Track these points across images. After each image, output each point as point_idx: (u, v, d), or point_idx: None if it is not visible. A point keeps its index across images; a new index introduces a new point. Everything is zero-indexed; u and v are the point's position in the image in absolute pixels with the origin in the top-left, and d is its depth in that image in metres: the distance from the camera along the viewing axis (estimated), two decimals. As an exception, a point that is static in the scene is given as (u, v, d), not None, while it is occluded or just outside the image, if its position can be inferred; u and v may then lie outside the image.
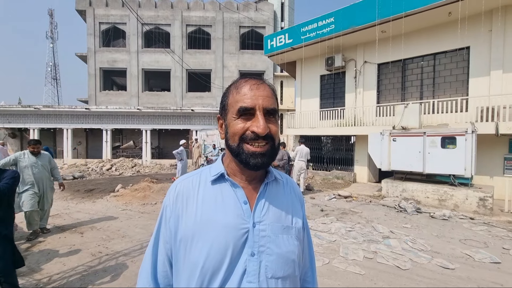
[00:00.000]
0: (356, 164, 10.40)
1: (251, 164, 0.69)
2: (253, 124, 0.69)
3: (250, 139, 0.69)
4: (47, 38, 40.52)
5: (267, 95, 0.72)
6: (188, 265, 0.68)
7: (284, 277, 0.70)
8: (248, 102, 0.69)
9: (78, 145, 17.94)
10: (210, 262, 0.65)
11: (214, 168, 0.78)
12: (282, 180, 0.83)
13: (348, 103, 10.76)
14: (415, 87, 9.34)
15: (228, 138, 0.73)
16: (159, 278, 0.76)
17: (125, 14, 19.54)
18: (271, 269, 0.68)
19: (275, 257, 0.69)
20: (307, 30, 10.45)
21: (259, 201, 0.74)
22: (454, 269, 3.32)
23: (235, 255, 0.67)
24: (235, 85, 0.75)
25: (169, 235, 0.74)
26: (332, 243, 4.14)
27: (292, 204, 0.80)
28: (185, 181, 0.78)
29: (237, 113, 0.70)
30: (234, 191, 0.73)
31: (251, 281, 0.66)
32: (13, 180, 2.50)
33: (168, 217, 0.75)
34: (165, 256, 0.75)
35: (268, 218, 0.73)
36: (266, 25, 20.15)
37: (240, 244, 0.68)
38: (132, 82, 19.91)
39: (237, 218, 0.70)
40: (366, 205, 6.68)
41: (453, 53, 8.47)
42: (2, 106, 15.93)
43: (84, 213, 5.85)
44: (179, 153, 8.79)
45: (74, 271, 3.28)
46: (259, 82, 0.74)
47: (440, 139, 6.59)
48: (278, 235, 0.72)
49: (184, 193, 0.74)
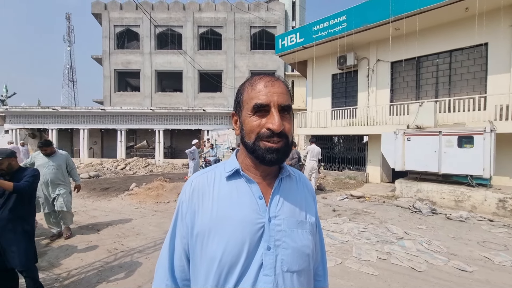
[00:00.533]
0: (369, 164, 10.22)
1: (267, 159, 0.70)
2: (268, 121, 0.70)
3: (266, 137, 0.70)
4: (65, 41, 41.92)
5: (282, 92, 0.72)
6: (206, 260, 0.69)
7: (299, 271, 0.72)
8: (263, 99, 0.70)
9: (94, 145, 18.47)
10: (227, 256, 0.67)
11: (228, 164, 0.79)
12: (295, 176, 0.85)
13: (360, 102, 10.59)
14: (430, 85, 9.09)
15: (244, 135, 0.74)
16: (176, 272, 0.77)
17: (138, 16, 19.96)
18: (286, 263, 0.70)
19: (290, 251, 0.71)
20: (318, 29, 10.37)
21: (274, 196, 0.75)
22: (472, 272, 3.22)
23: (251, 249, 0.68)
24: (249, 82, 0.76)
25: (186, 230, 0.75)
26: (345, 244, 4.10)
27: (305, 200, 0.82)
28: (200, 177, 0.79)
29: (252, 110, 0.71)
30: (249, 186, 0.74)
31: (268, 274, 0.67)
32: (33, 178, 2.59)
33: (184, 213, 0.76)
34: (182, 250, 0.76)
35: (283, 213, 0.74)
36: (277, 25, 20.10)
37: (257, 238, 0.69)
38: (145, 83, 20.32)
39: (253, 213, 0.71)
40: (380, 206, 6.57)
41: (470, 50, 8.20)
42: (23, 107, 16.60)
43: (100, 210, 6.03)
44: (191, 152, 8.91)
45: (91, 267, 3.39)
46: (273, 79, 0.74)
47: (456, 138, 6.39)
48: (293, 230, 0.73)
49: (200, 189, 0.76)
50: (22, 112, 16.44)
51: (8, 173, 2.57)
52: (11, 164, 2.58)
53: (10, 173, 2.57)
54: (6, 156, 2.54)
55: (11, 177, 2.55)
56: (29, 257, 2.51)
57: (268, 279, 0.67)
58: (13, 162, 2.60)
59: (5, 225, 2.43)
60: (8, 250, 2.42)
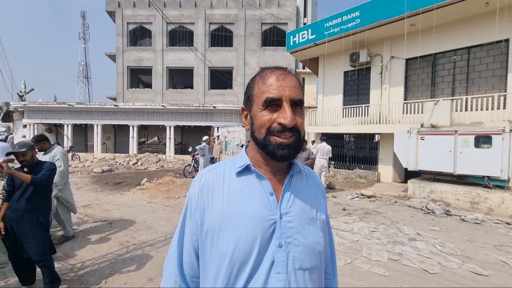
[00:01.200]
0: (381, 163, 10.04)
1: (278, 155, 0.68)
2: (279, 115, 0.68)
3: (277, 132, 0.68)
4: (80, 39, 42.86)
5: (294, 86, 0.71)
6: (216, 256, 0.68)
7: (311, 268, 0.71)
8: (275, 93, 0.68)
9: (107, 140, 18.90)
10: (238, 253, 0.66)
11: (238, 160, 0.78)
12: (305, 172, 0.83)
13: (373, 100, 10.38)
14: (446, 83, 8.81)
15: (254, 130, 0.72)
16: (185, 269, 0.76)
17: (151, 14, 20.20)
18: (298, 260, 0.69)
19: (302, 248, 0.70)
20: (331, 25, 10.20)
21: (285, 193, 0.74)
22: (487, 276, 3.12)
23: (263, 246, 0.67)
24: (260, 76, 0.74)
25: (195, 226, 0.74)
26: (355, 243, 4.05)
27: (316, 196, 0.80)
28: (209, 173, 0.77)
29: (263, 104, 0.69)
30: (260, 182, 0.73)
31: (279, 272, 0.66)
32: (50, 172, 2.67)
33: (193, 209, 0.75)
34: (191, 247, 0.75)
35: (294, 209, 0.72)
36: (289, 21, 19.92)
37: (268, 235, 0.68)
38: (157, 80, 20.59)
39: (264, 209, 0.70)
40: (391, 206, 6.45)
41: (490, 46, 7.88)
42: (40, 103, 17.14)
43: (112, 204, 6.17)
44: (201, 148, 9.01)
45: (104, 258, 3.48)
46: (285, 72, 0.72)
47: (473, 138, 6.18)
48: (305, 227, 0.72)
49: (209, 184, 0.74)
50: (39, 107, 16.98)
51: (28, 165, 2.65)
52: (34, 156, 2.68)
53: (29, 165, 2.65)
54: (30, 148, 2.64)
55: (30, 170, 2.64)
56: (45, 248, 2.59)
57: (280, 276, 0.66)
58: (35, 154, 2.70)
59: (22, 216, 2.53)
60: (24, 240, 2.51)
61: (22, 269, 2.63)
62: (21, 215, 2.52)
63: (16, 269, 2.63)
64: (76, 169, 11.92)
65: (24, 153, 2.60)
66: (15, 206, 2.56)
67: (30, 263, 2.61)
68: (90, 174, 10.66)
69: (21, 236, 2.51)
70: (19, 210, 2.53)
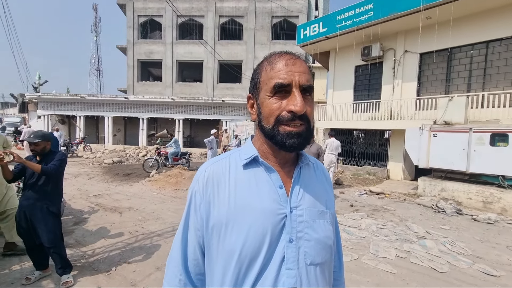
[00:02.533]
0: (390, 160, 9.87)
1: (287, 144, 0.65)
2: (289, 102, 0.64)
3: (286, 120, 0.64)
4: (92, 31, 43.43)
5: (304, 71, 0.67)
6: (223, 253, 0.65)
7: (322, 263, 0.68)
8: (284, 78, 0.64)
9: (117, 132, 19.23)
10: (247, 249, 0.63)
11: (244, 151, 0.74)
12: (313, 164, 0.80)
13: (384, 96, 10.16)
14: (462, 78, 8.52)
15: (262, 119, 0.68)
16: (189, 266, 0.73)
17: (161, 6, 20.19)
18: (310, 255, 0.66)
19: (313, 243, 0.67)
20: (343, 18, 9.96)
21: (295, 186, 0.70)
22: (499, 277, 3.05)
23: (273, 241, 0.64)
24: (268, 61, 0.70)
25: (200, 222, 0.70)
26: (362, 239, 4.01)
27: (324, 189, 0.77)
28: (214, 165, 0.73)
29: (272, 91, 0.65)
30: (268, 175, 0.70)
31: (290, 268, 0.64)
32: (60, 162, 2.70)
33: (198, 204, 0.71)
34: (196, 244, 0.72)
35: (305, 203, 0.69)
36: (300, 14, 19.57)
37: (278, 230, 0.65)
38: (166, 73, 20.70)
39: (273, 203, 0.67)
40: (400, 203, 6.35)
41: (510, 41, 7.55)
42: (54, 94, 17.53)
43: (122, 194, 6.30)
44: (209, 141, 9.06)
45: (114, 246, 3.57)
46: (294, 57, 0.68)
47: (489, 136, 5.99)
48: (315, 220, 0.69)
49: (215, 177, 0.71)
50: (53, 99, 17.36)
51: (40, 155, 2.72)
52: (46, 147, 2.72)
53: (42, 155, 2.72)
54: (44, 139, 2.69)
55: (41, 159, 2.70)
56: (56, 235, 2.67)
57: (291, 273, 0.63)
58: (47, 146, 2.73)
59: (34, 204, 2.62)
60: (37, 227, 2.61)
61: (36, 255, 2.72)
62: (32, 203, 2.61)
63: (30, 254, 2.72)
64: (88, 160, 12.20)
65: (37, 143, 2.66)
66: (28, 193, 2.65)
67: (43, 249, 2.69)
68: (101, 165, 10.89)
69: (33, 222, 2.61)
70: (31, 198, 2.62)
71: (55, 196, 2.77)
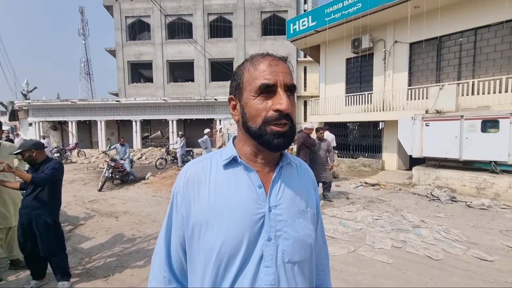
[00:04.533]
0: (385, 151, 9.94)
1: (274, 144, 0.66)
2: (275, 102, 0.65)
3: (273, 120, 0.65)
4: (80, 35, 42.65)
5: (287, 71, 0.69)
6: (203, 251, 0.67)
7: (300, 262, 0.69)
8: (269, 79, 0.65)
9: (111, 135, 19.04)
10: (226, 247, 0.64)
11: (225, 152, 0.75)
12: (296, 164, 0.81)
13: (376, 87, 10.21)
14: (452, 66, 8.59)
15: (247, 120, 0.68)
16: (173, 263, 0.76)
17: (148, 7, 19.91)
18: (288, 254, 0.67)
19: (292, 241, 0.68)
20: (331, 11, 9.94)
21: (274, 185, 0.71)
22: (493, 261, 3.10)
23: (251, 240, 0.65)
24: (251, 62, 0.70)
25: (181, 221, 0.73)
26: (358, 231, 4.05)
27: (306, 188, 0.78)
28: (195, 166, 0.75)
29: (257, 91, 0.66)
30: (247, 175, 0.71)
31: (268, 266, 0.65)
32: (52, 171, 2.60)
33: (179, 203, 0.73)
34: (178, 242, 0.74)
35: (284, 202, 0.70)
36: (289, 9, 19.48)
37: (257, 229, 0.66)
38: (157, 74, 20.49)
39: (252, 202, 0.68)
40: (395, 193, 6.41)
41: (498, 27, 7.61)
42: (44, 101, 17.25)
43: (118, 199, 6.25)
44: (204, 141, 9.01)
45: (111, 251, 3.54)
46: (276, 58, 0.70)
47: (480, 122, 6.06)
48: (295, 219, 0.70)
49: (195, 178, 0.72)
50: (43, 105, 17.09)
51: (34, 164, 2.67)
52: (32, 156, 2.64)
53: (36, 164, 2.67)
54: (26, 149, 2.63)
55: (37, 168, 2.66)
56: (52, 246, 2.63)
57: (269, 270, 0.65)
58: (33, 154, 2.65)
59: (30, 213, 2.59)
60: (34, 236, 2.60)
61: (33, 264, 2.70)
62: (29, 211, 2.59)
63: (27, 263, 2.71)
64: (82, 165, 12.07)
65: (21, 153, 2.62)
66: (25, 203, 2.64)
67: (40, 258, 2.67)
68: (96, 170, 10.79)
69: (30, 231, 2.60)
70: (28, 207, 2.60)
71: (51, 206, 2.70)
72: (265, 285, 0.64)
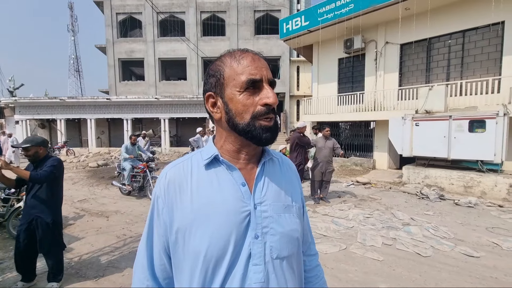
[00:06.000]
0: (376, 150, 10.10)
1: (263, 138, 0.66)
2: (262, 96, 0.66)
3: (262, 114, 0.65)
4: (69, 31, 41.72)
5: (267, 66, 0.70)
6: (189, 255, 0.65)
7: (288, 256, 0.69)
8: (255, 74, 0.65)
9: (101, 134, 18.71)
10: (213, 249, 0.63)
11: (205, 152, 0.73)
12: (278, 159, 0.80)
13: (367, 87, 10.34)
14: (441, 68, 8.78)
15: (233, 116, 0.66)
16: (156, 271, 0.72)
17: (140, 3, 19.62)
18: (276, 249, 0.67)
19: (278, 237, 0.68)
20: (324, 11, 10.01)
21: (258, 182, 0.70)
22: (479, 258, 3.20)
23: (238, 239, 0.64)
24: (231, 57, 0.69)
25: (164, 227, 0.69)
26: (350, 229, 4.10)
27: (290, 183, 0.78)
28: (175, 168, 0.72)
29: (243, 86, 0.65)
30: (230, 173, 0.69)
31: (257, 264, 0.64)
32: (52, 168, 2.53)
33: (160, 209, 0.70)
34: (162, 248, 0.71)
35: (269, 198, 0.70)
36: (282, 8, 19.52)
37: (243, 228, 0.65)
38: (149, 72, 20.24)
39: (236, 201, 0.67)
40: (386, 192, 6.52)
41: (485, 29, 7.82)
42: (31, 98, 16.81)
43: (109, 198, 6.16)
44: (195, 140, 8.90)
45: (101, 251, 3.49)
46: (257, 53, 0.71)
47: (467, 122, 6.22)
48: (281, 215, 0.70)
49: (176, 180, 0.70)
50: (30, 103, 16.66)
51: (35, 161, 2.61)
52: (38, 153, 2.60)
53: (37, 161, 2.61)
54: (35, 144, 2.57)
55: (36, 165, 2.61)
56: (50, 245, 2.60)
57: (258, 268, 0.64)
58: (40, 151, 2.60)
59: (29, 211, 2.57)
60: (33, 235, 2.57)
61: (24, 265, 2.64)
62: (28, 210, 2.57)
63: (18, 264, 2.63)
64: (71, 164, 11.83)
65: (27, 148, 2.55)
66: (26, 201, 2.61)
67: (33, 259, 2.63)
68: (85, 169, 10.59)
69: (29, 231, 2.57)
70: (28, 206, 2.59)
71: (51, 204, 2.64)
72: (254, 283, 0.63)
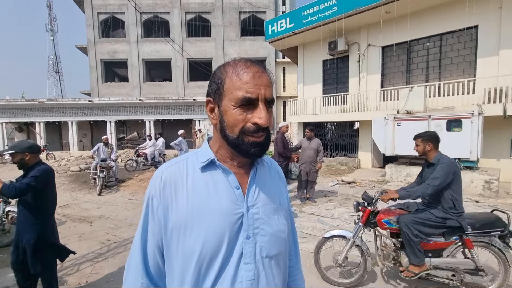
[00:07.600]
0: (360, 150, 10.35)
1: (251, 153, 0.69)
2: (254, 115, 0.67)
3: (251, 132, 0.67)
4: (47, 30, 40.17)
5: (269, 85, 0.70)
6: (183, 254, 0.67)
7: (276, 255, 0.73)
8: (252, 92, 0.66)
9: (83, 137, 18.12)
10: (207, 249, 0.66)
11: (201, 154, 0.75)
12: (267, 163, 0.84)
13: (351, 88, 10.59)
14: (421, 69, 9.13)
15: (225, 128, 0.69)
16: (151, 269, 0.74)
17: (123, 3, 19.19)
18: (265, 249, 0.71)
19: (268, 237, 0.72)
20: (308, 13, 10.18)
21: (251, 186, 0.74)
22: (457, 251, 3.34)
23: (231, 239, 0.68)
24: (234, 69, 0.69)
25: (158, 225, 0.71)
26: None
27: (278, 187, 0.83)
28: (171, 169, 0.74)
29: (237, 102, 0.66)
30: (225, 177, 0.72)
31: (248, 262, 0.68)
32: (31, 180, 2.21)
33: (155, 208, 0.71)
34: (155, 247, 0.72)
35: (260, 201, 0.74)
36: (267, 10, 19.66)
37: (236, 228, 0.69)
38: (133, 73, 19.82)
39: (231, 203, 0.70)
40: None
41: (460, 33, 8.20)
42: (7, 100, 16.06)
43: (92, 203, 5.98)
44: (177, 144, 8.66)
45: (84, 258, 3.39)
46: (261, 70, 0.70)
47: (445, 122, 6.49)
48: (270, 216, 0.74)
49: (172, 181, 0.71)
50: (6, 105, 15.92)
51: (23, 168, 2.36)
52: (24, 160, 2.32)
53: (25, 168, 2.36)
54: (19, 151, 2.31)
55: (25, 173, 2.34)
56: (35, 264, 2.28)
57: (249, 266, 0.68)
58: (26, 158, 2.32)
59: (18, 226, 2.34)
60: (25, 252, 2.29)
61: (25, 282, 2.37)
62: (17, 225, 2.35)
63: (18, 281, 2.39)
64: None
65: (12, 155, 2.31)
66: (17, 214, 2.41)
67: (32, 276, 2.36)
68: (67, 173, 10.23)
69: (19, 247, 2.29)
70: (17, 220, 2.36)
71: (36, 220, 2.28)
72: (246, 281, 0.67)
